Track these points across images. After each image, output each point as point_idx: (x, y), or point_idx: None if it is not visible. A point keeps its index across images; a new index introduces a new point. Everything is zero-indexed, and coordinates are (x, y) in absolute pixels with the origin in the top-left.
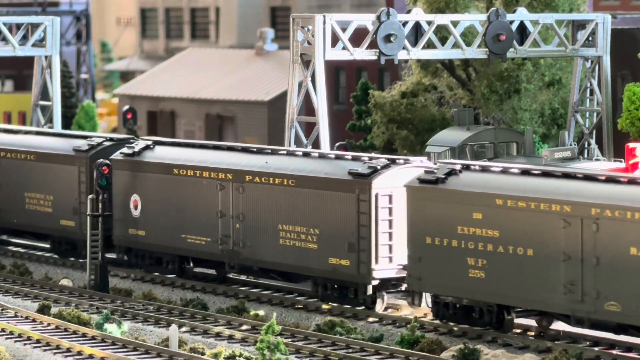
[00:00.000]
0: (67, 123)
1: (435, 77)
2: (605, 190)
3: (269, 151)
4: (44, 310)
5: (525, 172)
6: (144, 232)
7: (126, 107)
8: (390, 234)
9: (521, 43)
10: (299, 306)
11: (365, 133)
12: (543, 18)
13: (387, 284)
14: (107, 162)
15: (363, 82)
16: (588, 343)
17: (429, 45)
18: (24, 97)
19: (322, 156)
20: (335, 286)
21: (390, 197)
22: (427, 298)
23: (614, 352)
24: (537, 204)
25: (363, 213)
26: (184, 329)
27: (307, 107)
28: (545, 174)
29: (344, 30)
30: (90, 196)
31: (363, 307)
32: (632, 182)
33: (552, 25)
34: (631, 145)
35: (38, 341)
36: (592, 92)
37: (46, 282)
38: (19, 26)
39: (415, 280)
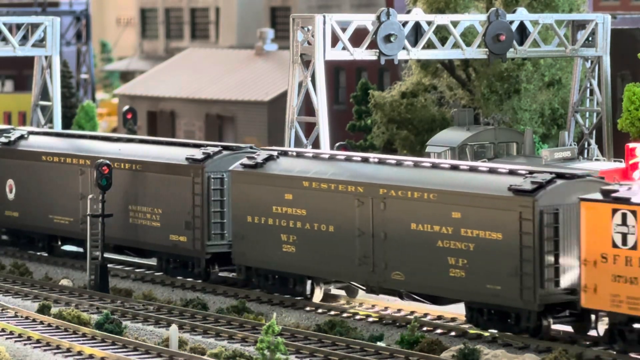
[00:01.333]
0: (67, 123)
1: (435, 77)
2: (392, 172)
3: (125, 140)
4: (44, 310)
5: (331, 158)
6: (17, 214)
7: (126, 107)
8: (222, 213)
9: (521, 43)
10: (299, 306)
11: (365, 133)
12: (543, 18)
13: (220, 259)
14: (107, 162)
15: (363, 82)
16: (588, 343)
17: (429, 45)
18: (24, 97)
19: (168, 143)
20: (177, 260)
21: (221, 180)
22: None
23: (614, 352)
24: (337, 185)
25: (197, 194)
26: (183, 329)
27: (307, 107)
28: (347, 159)
29: (344, 30)
30: (90, 196)
31: (200, 281)
32: (416, 165)
33: (552, 26)
34: (631, 145)
35: (38, 341)
36: (592, 92)
37: (46, 282)
38: (19, 26)
39: (240, 255)
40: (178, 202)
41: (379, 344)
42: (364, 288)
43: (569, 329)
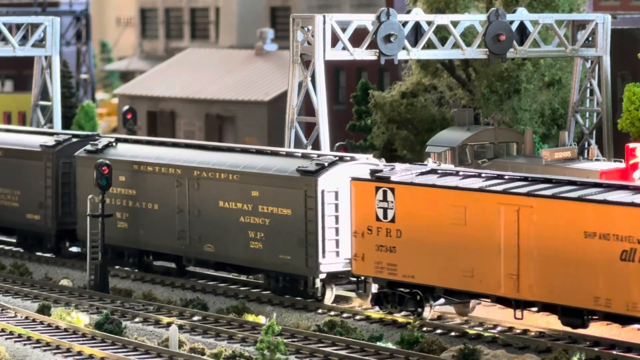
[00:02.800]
0: (67, 123)
1: (435, 77)
2: (205, 157)
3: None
4: (44, 310)
5: (159, 144)
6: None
7: (126, 107)
8: (68, 194)
9: (521, 43)
10: (299, 306)
11: (365, 133)
12: (543, 18)
13: (69, 234)
14: (107, 162)
15: (363, 82)
16: (588, 343)
17: (429, 45)
18: (24, 97)
19: (26, 132)
20: (33, 237)
21: (70, 164)
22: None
23: (614, 352)
24: (160, 168)
25: (49, 177)
26: (184, 329)
27: (307, 107)
28: (171, 145)
29: (344, 30)
30: (90, 196)
31: (52, 254)
32: (225, 149)
33: (552, 26)
34: (631, 145)
35: (38, 341)
36: (592, 92)
37: (46, 282)
38: (19, 26)
39: (84, 231)
40: (33, 185)
41: (379, 343)
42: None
43: (568, 329)
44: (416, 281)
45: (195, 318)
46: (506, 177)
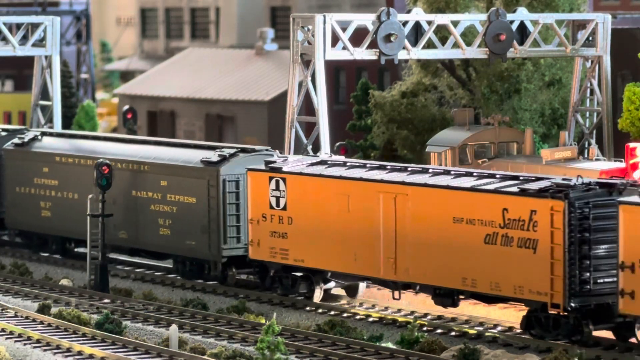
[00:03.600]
0: (67, 123)
1: (435, 77)
2: (120, 149)
3: None
4: (44, 310)
5: (81, 137)
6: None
7: (126, 107)
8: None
9: (521, 43)
10: (299, 306)
11: (365, 133)
12: (543, 18)
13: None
14: (107, 162)
15: (363, 82)
16: (588, 343)
17: (429, 45)
18: (24, 97)
19: None
20: None
21: (1, 157)
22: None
23: (614, 352)
24: (79, 160)
25: None
26: (184, 329)
27: (307, 107)
28: (91, 138)
29: (344, 30)
30: (90, 196)
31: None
32: (138, 142)
33: (552, 25)
34: (631, 145)
35: (38, 341)
36: (592, 92)
37: (46, 282)
38: (19, 26)
39: (13, 220)
40: None
41: (379, 343)
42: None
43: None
44: (306, 265)
45: (196, 318)
46: (388, 167)
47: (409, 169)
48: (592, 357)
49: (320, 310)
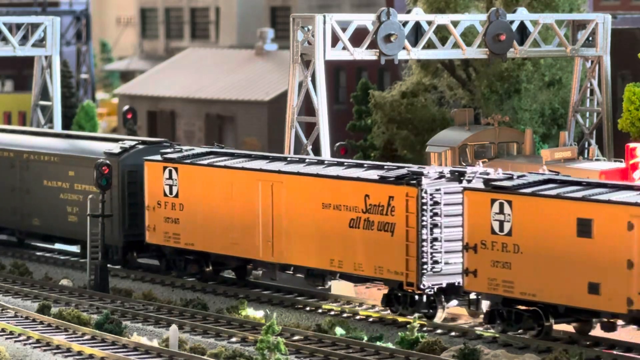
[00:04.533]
0: (67, 123)
1: (435, 77)
2: (35, 141)
3: None
4: (44, 310)
5: (1, 130)
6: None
7: (126, 107)
8: None
9: (521, 43)
10: (299, 306)
11: (365, 133)
12: (543, 18)
13: None
14: (107, 162)
15: (363, 82)
16: (588, 343)
17: (429, 45)
18: (24, 97)
19: None
20: None
21: None
22: None
23: (614, 352)
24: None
25: None
26: (183, 329)
27: (307, 107)
28: (8, 132)
29: (344, 30)
30: (90, 196)
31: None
32: (51, 135)
33: (552, 25)
34: (631, 145)
35: (38, 341)
36: (592, 92)
37: (46, 282)
38: (19, 26)
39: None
40: None
41: (379, 343)
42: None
43: (568, 328)
44: (195, 248)
45: (195, 318)
46: (270, 157)
47: (288, 159)
48: (592, 357)
49: (320, 311)
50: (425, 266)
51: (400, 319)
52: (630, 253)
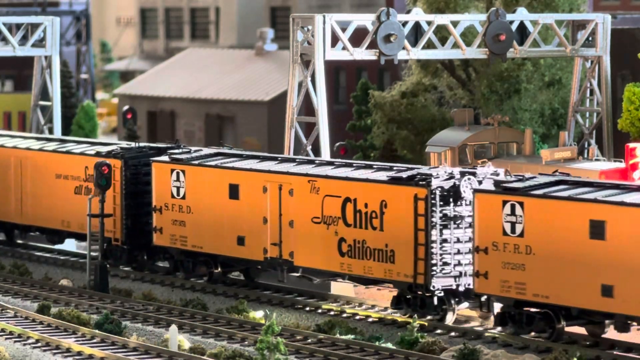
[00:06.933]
0: (67, 123)
1: (435, 77)
2: None
3: None
4: (43, 310)
5: None
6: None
7: (126, 107)
8: None
9: (521, 43)
10: (299, 306)
11: (365, 133)
12: (543, 18)
13: None
14: (107, 162)
15: (363, 82)
16: (588, 343)
17: (429, 45)
18: (24, 97)
19: None
20: None
21: None
22: None
23: (614, 352)
24: None
25: None
26: (183, 329)
27: (307, 107)
28: None
29: (343, 30)
30: (89, 196)
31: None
32: None
33: (552, 25)
34: (631, 145)
35: (38, 341)
36: (592, 92)
37: (46, 282)
38: (18, 26)
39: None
40: None
41: (378, 343)
42: None
43: (567, 329)
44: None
45: (195, 318)
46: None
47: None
48: (592, 357)
49: (320, 311)
50: (434, 268)
51: (400, 319)
52: None
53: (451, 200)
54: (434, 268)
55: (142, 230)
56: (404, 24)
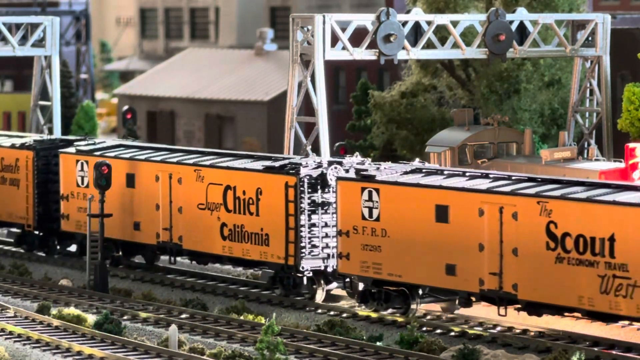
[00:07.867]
0: (67, 123)
1: (435, 77)
2: None
3: None
4: (43, 310)
5: None
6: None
7: (126, 107)
8: None
9: (521, 43)
10: (299, 306)
11: (365, 133)
12: (543, 18)
13: None
14: (107, 162)
15: (363, 82)
16: (588, 343)
17: (429, 45)
18: (23, 97)
19: None
20: None
21: None
22: None
23: (614, 352)
24: None
25: None
26: (183, 329)
27: (307, 107)
28: None
29: (343, 30)
30: (89, 196)
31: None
32: None
33: (552, 25)
34: (631, 145)
35: (38, 341)
36: (592, 92)
37: (46, 282)
38: (18, 26)
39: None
40: None
41: (378, 343)
42: None
43: (568, 329)
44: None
45: (195, 318)
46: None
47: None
48: (592, 357)
49: (320, 311)
50: (303, 250)
51: (400, 319)
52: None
53: (319, 187)
54: (303, 250)
55: (52, 217)
56: (404, 24)
